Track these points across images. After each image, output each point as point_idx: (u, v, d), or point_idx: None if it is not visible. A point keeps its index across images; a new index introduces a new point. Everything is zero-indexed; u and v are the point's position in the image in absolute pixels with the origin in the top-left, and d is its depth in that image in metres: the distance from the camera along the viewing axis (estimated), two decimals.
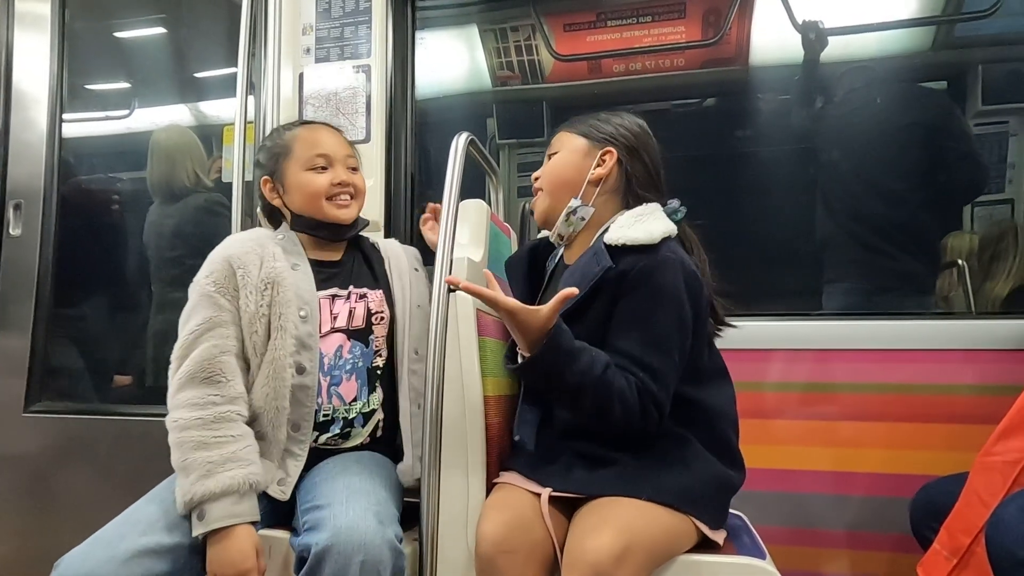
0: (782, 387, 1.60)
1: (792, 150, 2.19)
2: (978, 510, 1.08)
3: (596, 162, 1.14)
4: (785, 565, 1.04)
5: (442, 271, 1.13)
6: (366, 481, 1.08)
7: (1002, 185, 2.09)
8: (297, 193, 1.26)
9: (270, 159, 1.30)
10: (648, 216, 1.09)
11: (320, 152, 1.26)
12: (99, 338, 2.18)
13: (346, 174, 1.28)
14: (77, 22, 2.13)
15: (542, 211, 1.20)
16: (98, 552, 0.95)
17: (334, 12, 1.74)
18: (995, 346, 1.49)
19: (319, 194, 1.25)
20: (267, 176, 1.30)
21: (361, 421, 1.23)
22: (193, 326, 1.11)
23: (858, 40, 2.04)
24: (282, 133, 1.32)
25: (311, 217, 1.27)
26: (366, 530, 0.95)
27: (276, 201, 1.29)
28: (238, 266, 1.16)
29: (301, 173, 1.26)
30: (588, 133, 1.17)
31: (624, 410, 0.99)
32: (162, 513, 1.02)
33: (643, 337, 1.01)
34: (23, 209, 2.03)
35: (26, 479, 1.95)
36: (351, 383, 1.22)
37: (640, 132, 1.17)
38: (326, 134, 1.30)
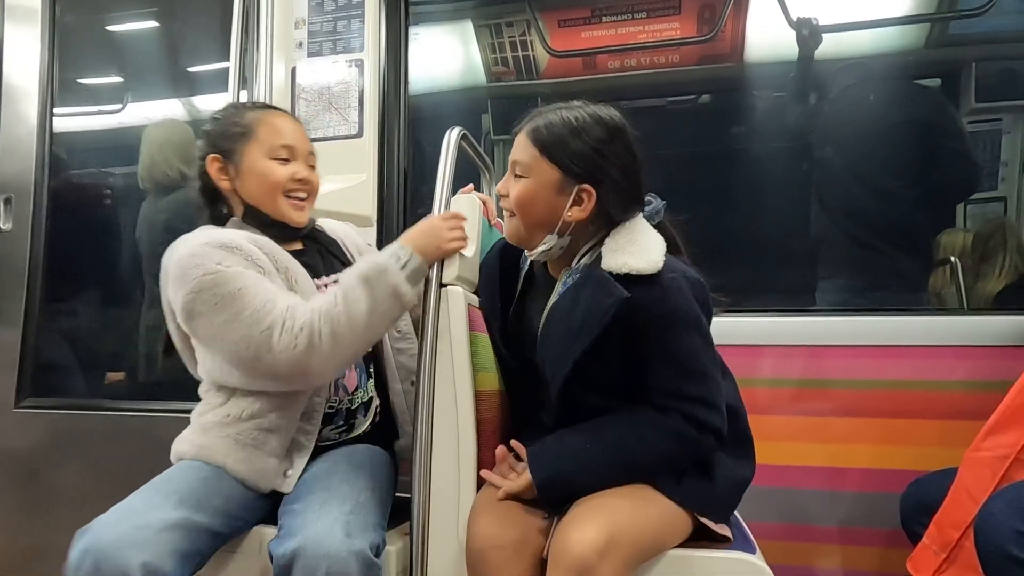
0: (774, 383, 1.60)
1: (786, 147, 2.19)
2: (967, 505, 1.09)
3: (573, 199, 1.02)
4: (776, 560, 1.04)
5: (434, 266, 1.13)
6: (346, 484, 1.07)
7: (995, 183, 2.09)
8: (253, 181, 1.16)
9: (225, 137, 1.18)
10: (640, 236, 1.02)
11: (285, 143, 1.18)
12: (91, 333, 2.17)
13: (307, 171, 1.21)
14: (68, 15, 2.12)
15: (513, 235, 1.10)
16: (130, 519, 0.94)
17: (327, 6, 1.73)
18: (986, 342, 1.49)
19: (277, 186, 1.16)
20: (216, 154, 1.17)
21: (363, 411, 1.23)
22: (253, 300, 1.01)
23: (852, 37, 2.04)
24: (243, 112, 1.20)
25: (262, 211, 1.18)
26: (331, 543, 0.94)
27: (225, 184, 1.18)
28: (241, 251, 1.07)
29: (263, 160, 1.16)
30: (562, 162, 1.02)
31: (681, 450, 0.99)
32: (189, 492, 1.02)
33: (679, 370, 0.99)
34: (14, 203, 2.02)
35: (17, 475, 1.94)
36: (352, 374, 1.22)
37: (616, 148, 1.03)
38: (292, 124, 1.22)
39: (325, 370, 1.06)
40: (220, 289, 1.02)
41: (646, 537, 0.96)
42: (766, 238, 2.13)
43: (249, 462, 1.09)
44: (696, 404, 0.99)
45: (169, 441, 1.17)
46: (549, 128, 1.04)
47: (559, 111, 1.05)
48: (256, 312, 1.01)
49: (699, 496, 1.02)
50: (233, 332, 1.02)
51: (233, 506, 1.06)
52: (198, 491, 1.02)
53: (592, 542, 0.89)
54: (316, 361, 1.02)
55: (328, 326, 1.01)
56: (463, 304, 1.15)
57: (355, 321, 1.02)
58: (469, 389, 1.12)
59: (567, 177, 1.03)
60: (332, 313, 1.02)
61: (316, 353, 1.01)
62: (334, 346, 1.02)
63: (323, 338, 1.01)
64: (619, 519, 0.93)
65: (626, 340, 0.99)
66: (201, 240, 1.08)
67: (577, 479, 0.99)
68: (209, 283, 1.02)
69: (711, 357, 1.03)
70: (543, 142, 1.04)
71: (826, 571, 1.55)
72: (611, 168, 1.02)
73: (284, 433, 1.12)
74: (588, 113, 1.04)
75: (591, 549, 0.88)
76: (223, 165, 1.18)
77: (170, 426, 1.17)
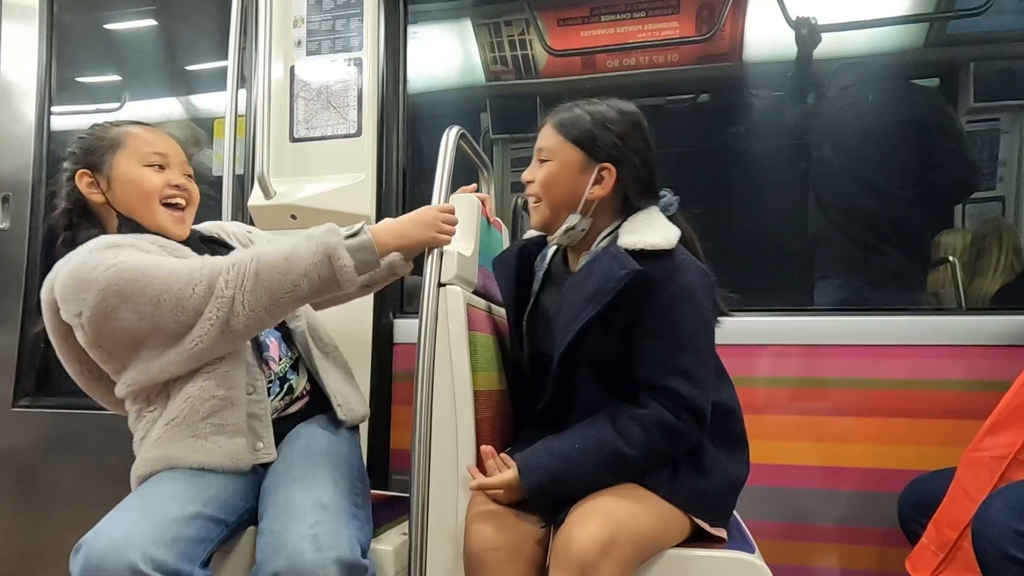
0: (773, 382, 1.60)
1: (785, 146, 2.19)
2: (965, 505, 1.09)
3: (594, 178, 1.09)
4: (774, 559, 1.04)
5: (432, 264, 1.13)
6: (310, 487, 1.05)
7: (993, 183, 2.09)
8: (126, 189, 1.14)
9: (88, 152, 1.16)
10: (655, 222, 1.08)
11: (157, 150, 1.16)
12: None
13: (183, 178, 1.19)
14: (66, 14, 2.11)
15: (541, 222, 1.16)
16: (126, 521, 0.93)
17: (325, 4, 1.73)
18: (984, 342, 1.49)
19: (152, 193, 1.14)
20: (85, 169, 1.15)
21: (294, 373, 1.23)
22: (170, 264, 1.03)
23: (851, 37, 2.04)
24: (108, 127, 1.19)
25: (138, 222, 1.15)
26: (304, 562, 0.93)
27: (96, 197, 1.15)
28: (127, 243, 1.07)
29: (134, 167, 1.14)
30: (584, 143, 1.09)
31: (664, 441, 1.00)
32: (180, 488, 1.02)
33: (671, 340, 1.01)
34: (11, 202, 2.01)
35: (15, 474, 1.94)
36: (274, 343, 1.22)
37: (634, 134, 1.11)
38: (163, 136, 1.21)
39: (246, 320, 1.03)
40: (127, 275, 1.01)
41: (646, 536, 0.96)
42: (764, 237, 2.13)
43: (219, 449, 1.08)
44: (681, 378, 1.00)
45: None
46: (572, 116, 1.12)
47: (581, 104, 1.13)
48: (178, 276, 1.02)
49: (692, 495, 1.03)
50: (164, 303, 1.01)
51: (227, 495, 1.06)
52: (189, 486, 1.02)
53: (594, 539, 0.89)
54: (241, 301, 1.02)
55: (254, 264, 1.03)
56: (462, 303, 1.15)
57: (276, 264, 1.02)
58: (468, 388, 1.12)
59: (589, 157, 1.10)
60: (262, 253, 1.04)
61: (241, 291, 1.02)
62: (255, 289, 1.02)
63: (248, 276, 1.02)
64: (620, 518, 0.93)
65: (633, 311, 1.03)
66: (83, 251, 1.06)
67: (567, 481, 1.00)
68: (113, 275, 1.01)
69: (707, 340, 1.05)
70: (566, 128, 1.11)
71: (824, 570, 1.56)
72: (629, 152, 1.10)
73: (237, 409, 1.10)
74: (609, 104, 1.13)
75: (593, 546, 0.89)
76: (92, 179, 1.15)
77: None
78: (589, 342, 1.05)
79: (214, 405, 1.09)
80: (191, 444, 1.08)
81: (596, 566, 0.88)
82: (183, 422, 1.09)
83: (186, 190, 1.18)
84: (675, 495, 1.01)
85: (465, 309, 1.16)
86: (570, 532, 0.92)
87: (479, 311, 1.24)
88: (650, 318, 1.02)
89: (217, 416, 1.09)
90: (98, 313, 1.02)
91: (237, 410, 1.10)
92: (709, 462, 1.06)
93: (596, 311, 1.02)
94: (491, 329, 1.28)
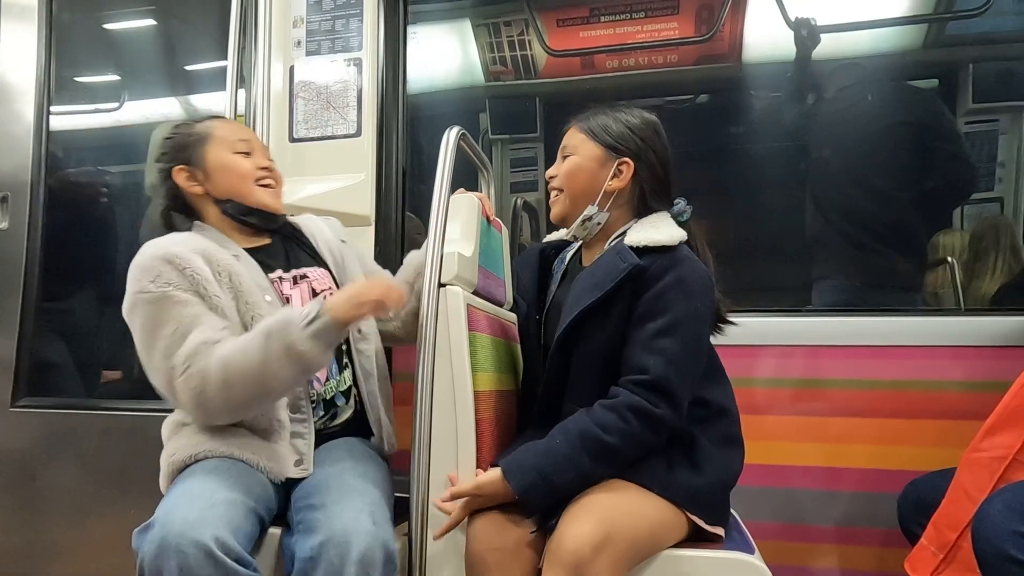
0: (772, 383, 1.60)
1: (784, 147, 2.20)
2: (965, 506, 1.09)
3: (613, 172, 1.15)
4: (774, 560, 1.04)
5: (432, 266, 1.13)
6: (359, 480, 1.08)
7: (992, 183, 2.10)
8: (223, 176, 1.22)
9: (180, 149, 1.24)
10: (662, 223, 1.13)
11: (242, 137, 1.25)
12: (87, 333, 2.16)
13: (267, 161, 1.27)
14: (65, 13, 2.11)
15: (560, 213, 1.21)
16: (192, 503, 0.95)
17: (325, 5, 1.73)
18: (983, 343, 1.50)
19: (248, 175, 1.22)
20: (181, 165, 1.23)
21: (342, 399, 1.24)
22: (169, 331, 1.07)
23: (850, 38, 2.04)
24: (191, 125, 1.27)
25: (240, 202, 1.23)
26: (360, 530, 0.95)
27: (196, 190, 1.23)
28: (182, 264, 1.11)
29: (226, 155, 1.22)
30: (603, 140, 1.17)
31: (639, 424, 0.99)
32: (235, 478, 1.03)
33: (658, 324, 1.03)
34: (10, 202, 2.01)
35: (13, 474, 1.93)
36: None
37: (657, 141, 1.18)
38: (241, 125, 1.31)
39: (220, 413, 1.08)
40: (149, 308, 1.09)
41: (642, 535, 0.96)
42: (763, 237, 2.14)
43: (266, 450, 1.11)
44: (659, 358, 1.01)
45: None
46: (595, 117, 1.20)
47: (604, 108, 1.21)
48: (169, 346, 1.07)
49: (687, 492, 1.03)
50: (151, 358, 1.09)
51: (268, 495, 1.08)
52: (240, 478, 1.04)
53: (588, 537, 0.89)
54: (210, 404, 1.06)
55: (223, 373, 1.04)
56: (462, 304, 1.15)
57: (246, 372, 1.04)
58: (468, 389, 1.12)
59: (609, 152, 1.16)
60: (229, 360, 1.04)
61: (209, 397, 1.05)
62: (226, 392, 1.05)
63: (216, 384, 1.04)
64: (614, 516, 0.93)
65: (631, 302, 1.07)
66: (148, 252, 1.13)
67: (555, 475, 0.99)
68: (140, 300, 1.10)
69: (695, 333, 1.05)
70: (590, 127, 1.19)
71: (824, 571, 1.56)
72: (648, 151, 1.16)
73: (280, 429, 1.13)
74: (630, 110, 1.20)
75: (586, 544, 0.89)
76: (190, 173, 1.23)
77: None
78: (589, 329, 1.09)
79: (258, 421, 1.12)
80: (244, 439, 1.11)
81: (590, 564, 0.88)
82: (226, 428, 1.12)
83: (272, 171, 1.27)
84: (670, 491, 1.01)
85: (465, 309, 1.16)
86: (564, 531, 0.92)
87: (479, 311, 1.24)
88: (643, 305, 1.06)
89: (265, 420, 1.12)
90: (124, 310, 1.13)
91: (280, 431, 1.13)
92: (703, 459, 1.06)
93: (596, 299, 1.07)
94: (491, 329, 1.28)
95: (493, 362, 1.25)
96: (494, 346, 1.27)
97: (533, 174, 2.45)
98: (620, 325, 1.07)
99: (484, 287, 1.33)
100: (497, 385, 1.25)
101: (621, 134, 1.16)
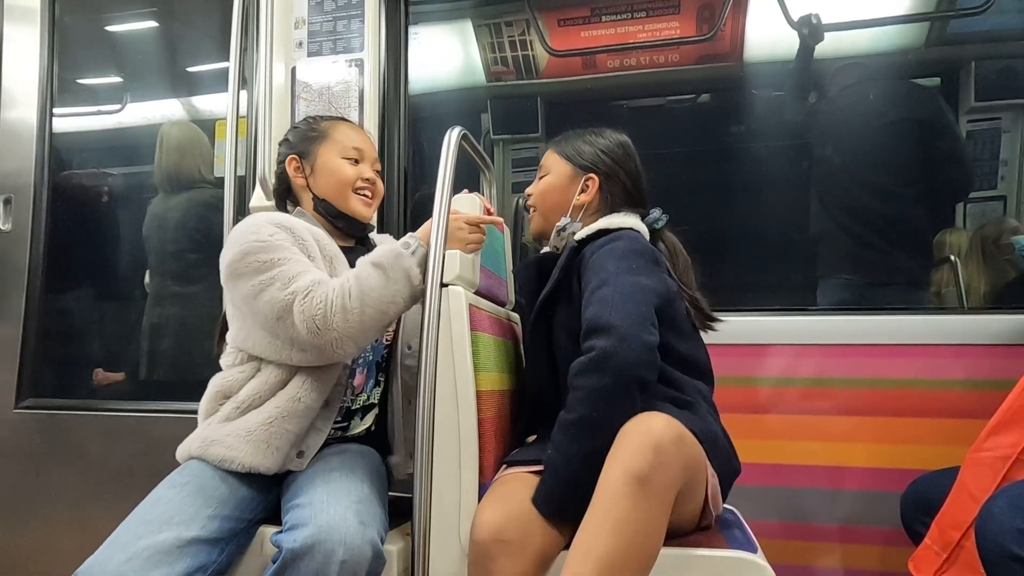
0: (775, 382, 1.60)
1: (786, 146, 2.20)
2: (968, 505, 1.09)
3: (580, 187, 1.26)
4: (777, 559, 1.04)
5: (433, 266, 1.13)
6: (348, 479, 1.08)
7: (995, 182, 2.09)
8: (326, 177, 1.28)
9: (302, 140, 1.31)
10: (613, 217, 1.23)
11: (356, 145, 1.30)
12: (91, 333, 2.17)
13: (373, 173, 1.32)
14: (67, 16, 2.12)
15: (535, 229, 1.33)
16: (118, 554, 0.93)
17: (326, 6, 1.73)
18: (986, 341, 1.49)
19: (348, 182, 1.27)
20: (295, 155, 1.31)
21: (361, 414, 1.26)
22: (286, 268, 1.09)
23: (852, 36, 2.04)
24: (319, 120, 1.35)
25: (333, 205, 1.28)
26: (347, 529, 0.95)
27: (300, 181, 1.30)
28: (293, 230, 1.16)
29: (336, 158, 1.28)
30: (573, 159, 1.28)
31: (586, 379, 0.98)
32: (177, 509, 1.01)
33: (593, 285, 1.06)
34: (13, 204, 2.02)
35: (17, 475, 1.94)
36: (361, 376, 1.24)
37: (620, 155, 1.27)
38: (363, 133, 1.37)
39: (340, 343, 1.08)
40: (263, 255, 1.10)
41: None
42: (766, 237, 2.13)
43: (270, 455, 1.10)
44: (598, 305, 1.01)
45: (168, 441, 1.16)
46: (567, 139, 1.32)
47: (578, 132, 1.32)
48: (287, 279, 1.08)
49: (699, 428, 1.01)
50: (264, 294, 1.08)
51: (230, 509, 1.06)
52: (187, 506, 1.02)
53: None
54: (330, 333, 1.06)
55: (342, 299, 1.06)
56: (464, 303, 1.15)
57: (367, 297, 1.07)
58: (470, 388, 1.12)
59: (576, 169, 1.28)
60: (346, 288, 1.07)
61: (330, 325, 1.06)
62: (346, 319, 1.06)
63: (338, 308, 1.06)
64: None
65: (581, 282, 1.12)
66: (261, 218, 1.17)
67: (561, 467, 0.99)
68: (256, 247, 1.10)
69: (632, 281, 1.05)
70: (561, 148, 1.31)
71: (827, 570, 1.56)
72: (613, 165, 1.27)
73: (306, 418, 1.13)
74: (598, 129, 1.31)
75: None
76: (300, 164, 1.31)
77: (169, 426, 1.17)
78: (559, 318, 1.17)
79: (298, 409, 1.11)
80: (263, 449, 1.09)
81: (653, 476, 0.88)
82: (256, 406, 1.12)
83: (373, 183, 1.32)
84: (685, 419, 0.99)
85: (467, 309, 1.16)
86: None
87: (481, 311, 1.24)
88: (584, 279, 1.11)
89: (294, 422, 1.11)
90: (228, 268, 1.12)
91: (309, 420, 1.14)
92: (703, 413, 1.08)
93: (547, 290, 1.17)
94: (493, 329, 1.29)
95: (495, 362, 1.25)
96: (496, 346, 1.28)
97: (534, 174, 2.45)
98: (577, 310, 1.09)
99: (486, 287, 1.34)
100: (499, 385, 1.25)
101: (590, 153, 1.27)
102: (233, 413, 1.12)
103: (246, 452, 1.09)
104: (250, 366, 1.15)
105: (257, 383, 1.13)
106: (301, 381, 1.12)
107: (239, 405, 1.12)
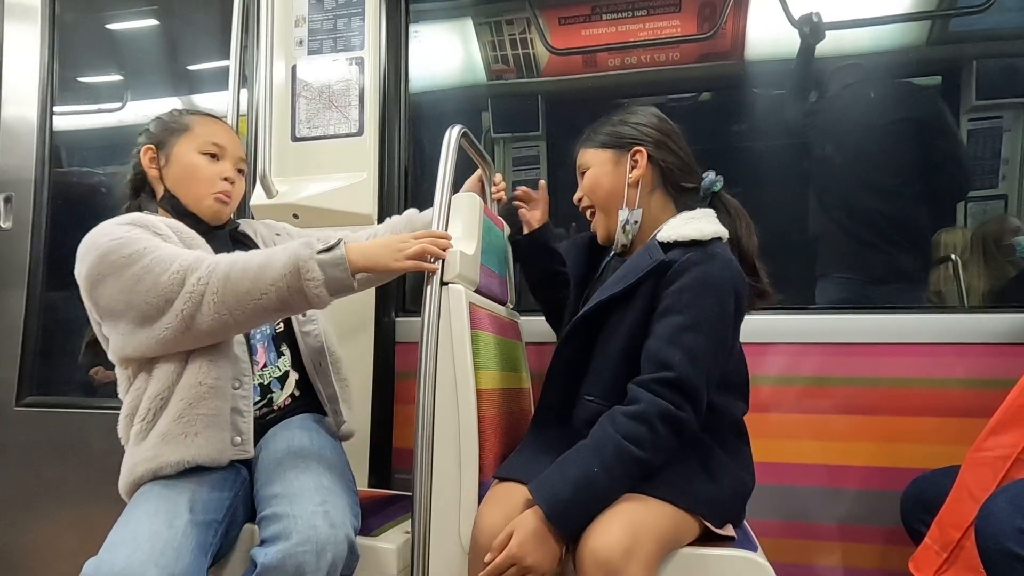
0: (775, 381, 1.60)
1: (786, 144, 2.19)
2: (968, 505, 1.09)
3: (629, 165, 1.17)
4: (777, 558, 1.04)
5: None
6: (307, 474, 1.08)
7: (995, 181, 2.09)
8: (180, 171, 1.23)
9: (162, 130, 1.26)
10: (700, 218, 1.12)
11: (217, 141, 1.25)
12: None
13: (233, 172, 1.26)
14: (68, 14, 2.12)
15: (604, 230, 1.22)
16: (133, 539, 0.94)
17: (327, 4, 1.73)
18: (986, 340, 1.49)
19: (201, 180, 1.22)
20: (151, 145, 1.25)
21: (278, 385, 1.25)
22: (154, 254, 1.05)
23: (853, 35, 2.04)
24: (184, 113, 1.29)
25: (181, 201, 1.24)
26: (318, 538, 0.96)
27: (153, 172, 1.25)
28: (154, 229, 1.12)
29: (192, 153, 1.23)
30: (609, 143, 1.20)
31: (667, 431, 0.97)
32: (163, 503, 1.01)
33: (684, 319, 1.01)
34: (13, 202, 2.02)
35: (18, 473, 1.94)
36: (263, 349, 1.24)
37: (659, 122, 1.20)
38: (228, 130, 1.30)
39: (215, 316, 1.04)
40: (125, 250, 1.06)
41: (666, 536, 0.96)
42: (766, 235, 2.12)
43: (207, 444, 1.09)
44: (683, 354, 0.98)
45: None
46: (593, 131, 1.23)
47: (600, 120, 1.24)
48: (165, 263, 1.05)
49: (707, 502, 1.02)
50: (141, 285, 1.05)
51: (210, 492, 1.07)
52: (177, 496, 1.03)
53: (617, 544, 0.89)
54: (209, 301, 1.04)
55: (227, 267, 1.04)
56: (464, 302, 1.15)
57: (246, 271, 1.04)
58: (471, 387, 1.12)
59: (617, 151, 1.19)
60: (235, 259, 1.06)
61: (210, 290, 1.04)
62: (225, 287, 1.03)
63: (219, 277, 1.04)
64: (638, 519, 0.93)
65: (656, 294, 1.06)
66: (111, 221, 1.14)
67: (596, 505, 0.95)
68: (115, 246, 1.07)
69: (720, 332, 1.02)
70: (591, 140, 1.23)
71: (827, 569, 1.56)
72: (653, 133, 1.18)
73: (223, 401, 1.11)
74: (624, 109, 1.23)
75: (617, 552, 0.88)
76: (155, 155, 1.25)
77: None
78: (612, 321, 1.09)
79: (201, 392, 1.09)
80: (181, 440, 1.08)
81: (622, 571, 0.88)
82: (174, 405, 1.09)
83: (233, 184, 1.26)
84: (690, 502, 1.00)
85: (467, 307, 1.16)
86: (591, 540, 0.91)
87: (481, 310, 1.24)
88: (668, 298, 1.04)
89: (204, 405, 1.09)
90: (88, 278, 1.09)
91: (223, 401, 1.12)
92: (716, 466, 1.05)
93: (617, 291, 1.07)
94: (493, 328, 1.29)
95: (495, 360, 1.25)
96: (496, 344, 1.28)
97: (535, 173, 2.44)
98: (642, 319, 1.06)
99: (485, 285, 1.33)
100: (500, 383, 1.25)
101: (620, 130, 1.19)
102: (143, 429, 1.10)
103: (169, 451, 1.07)
104: (141, 377, 1.12)
105: (155, 388, 1.10)
106: (197, 367, 1.10)
107: (144, 416, 1.10)
